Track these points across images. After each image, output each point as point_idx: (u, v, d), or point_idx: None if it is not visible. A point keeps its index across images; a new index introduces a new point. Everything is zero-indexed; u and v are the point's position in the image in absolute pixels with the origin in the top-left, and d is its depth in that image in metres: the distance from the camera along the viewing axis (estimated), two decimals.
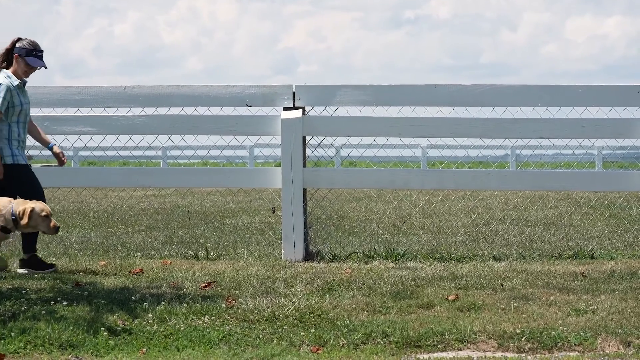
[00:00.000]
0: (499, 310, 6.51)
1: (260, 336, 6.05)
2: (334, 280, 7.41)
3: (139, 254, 9.01)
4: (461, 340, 5.96)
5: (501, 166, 26.52)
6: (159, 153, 29.00)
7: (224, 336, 6.03)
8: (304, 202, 8.68)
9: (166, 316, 6.32)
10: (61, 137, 8.98)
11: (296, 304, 6.60)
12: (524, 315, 6.38)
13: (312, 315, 6.39)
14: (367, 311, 6.52)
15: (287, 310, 6.46)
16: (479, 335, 6.01)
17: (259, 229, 11.23)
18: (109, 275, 7.68)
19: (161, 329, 6.13)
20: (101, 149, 9.75)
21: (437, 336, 5.98)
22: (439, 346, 5.90)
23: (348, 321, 6.26)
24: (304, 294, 6.91)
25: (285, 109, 8.73)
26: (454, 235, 10.60)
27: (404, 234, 10.66)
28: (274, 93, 8.80)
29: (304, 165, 8.65)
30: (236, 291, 7.02)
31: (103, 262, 8.23)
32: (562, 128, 8.72)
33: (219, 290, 7.06)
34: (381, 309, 6.57)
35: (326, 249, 9.03)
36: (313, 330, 6.11)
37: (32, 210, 7.22)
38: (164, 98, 8.89)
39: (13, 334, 5.95)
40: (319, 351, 5.81)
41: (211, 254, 8.87)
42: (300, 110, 8.70)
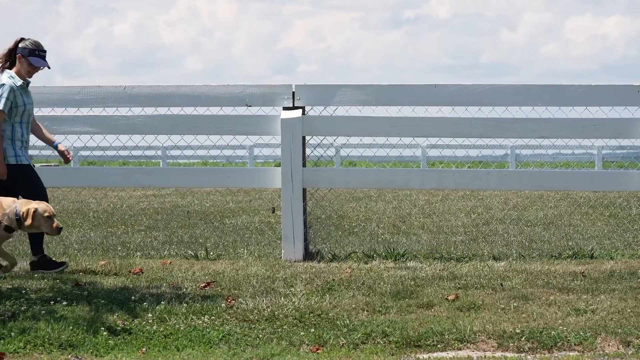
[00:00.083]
0: (499, 310, 6.51)
1: (260, 336, 6.05)
2: (333, 280, 7.40)
3: (138, 253, 9.00)
4: (461, 340, 5.96)
5: (501, 166, 26.52)
6: (159, 153, 29.00)
7: (223, 336, 6.03)
8: (303, 202, 8.67)
9: (166, 316, 6.32)
10: (61, 136, 8.95)
11: (296, 303, 6.59)
12: (523, 315, 6.38)
13: (311, 315, 6.39)
14: (367, 311, 6.52)
15: (286, 310, 6.46)
16: (478, 335, 6.01)
17: (259, 228, 11.23)
18: (109, 275, 7.68)
19: (161, 328, 6.13)
20: (101, 148, 9.74)
21: (436, 336, 5.98)
22: (438, 346, 5.90)
23: (348, 321, 6.26)
24: (303, 294, 6.90)
25: (285, 108, 8.72)
26: (453, 235, 10.60)
27: (403, 234, 10.65)
28: (273, 93, 8.79)
29: (303, 165, 8.65)
30: (236, 291, 7.02)
31: (103, 262, 8.23)
32: (561, 128, 8.72)
33: (219, 290, 7.06)
34: (381, 308, 6.56)
35: (326, 249, 9.02)
36: (313, 330, 6.11)
37: (35, 210, 7.21)
38: (163, 98, 8.89)
39: (13, 333, 5.95)
40: (318, 351, 5.81)
41: (211, 253, 8.86)
42: (300, 110, 8.69)
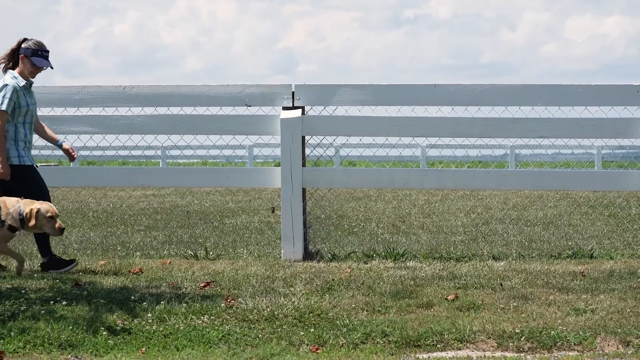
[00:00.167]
0: (498, 310, 6.51)
1: (260, 336, 6.05)
2: (333, 279, 7.40)
3: (138, 253, 9.00)
4: (460, 339, 5.96)
5: (500, 166, 26.51)
6: (159, 153, 29.00)
7: (223, 336, 6.03)
8: (303, 202, 8.67)
9: (165, 316, 6.32)
10: (60, 136, 8.96)
11: (295, 303, 6.59)
12: (523, 315, 6.38)
13: (311, 314, 6.39)
14: (367, 311, 6.52)
15: (286, 309, 6.46)
16: (478, 335, 6.01)
17: (259, 228, 11.23)
18: (109, 274, 7.68)
19: (160, 328, 6.13)
20: (100, 148, 9.75)
21: (436, 336, 5.98)
22: (438, 346, 5.90)
23: (347, 321, 6.25)
24: (303, 294, 6.90)
25: (284, 108, 8.72)
26: (453, 234, 10.60)
27: (403, 234, 10.65)
28: (273, 93, 8.79)
29: (303, 165, 8.65)
30: (235, 291, 7.02)
31: (102, 262, 8.23)
32: (561, 127, 8.73)
33: (218, 290, 7.06)
34: (380, 308, 6.56)
35: (325, 249, 9.02)
36: (312, 330, 6.11)
37: (38, 211, 7.23)
38: (163, 98, 8.89)
39: (12, 333, 5.95)
40: (318, 351, 5.81)
41: (210, 253, 8.86)
42: (300, 110, 8.69)
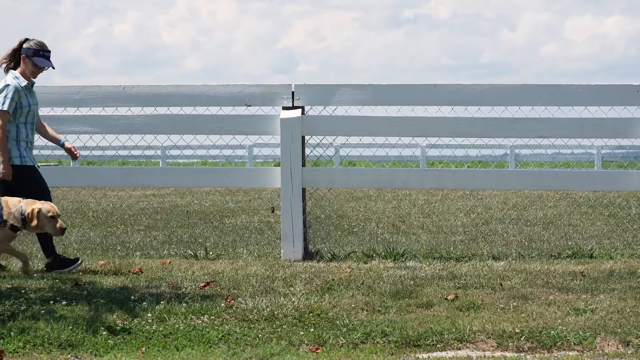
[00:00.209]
0: (498, 310, 6.51)
1: (260, 335, 6.05)
2: (333, 279, 7.40)
3: (138, 253, 9.00)
4: (460, 339, 5.96)
5: (500, 165, 26.52)
6: (158, 152, 29.00)
7: (223, 335, 6.03)
8: (303, 202, 8.67)
9: (165, 316, 6.32)
10: (61, 136, 8.96)
11: (295, 303, 6.59)
12: (523, 315, 6.38)
13: (311, 314, 6.39)
14: (367, 310, 6.52)
15: (286, 309, 6.46)
16: (478, 335, 6.01)
17: (258, 228, 11.23)
18: (108, 274, 7.68)
19: (160, 328, 6.13)
20: (100, 148, 9.75)
21: (436, 335, 5.98)
22: (438, 345, 5.90)
23: (347, 320, 6.25)
24: (303, 294, 6.90)
25: (284, 108, 8.72)
26: (453, 234, 10.60)
27: (403, 234, 10.65)
28: (273, 92, 8.79)
29: (303, 165, 8.65)
30: (235, 291, 7.02)
31: (102, 262, 8.23)
32: (561, 127, 8.73)
33: (218, 290, 7.06)
34: (380, 308, 6.56)
35: (325, 249, 9.02)
36: (312, 330, 6.11)
37: (39, 210, 7.24)
38: (163, 97, 8.89)
39: (12, 333, 5.95)
40: (318, 350, 5.81)
41: (210, 253, 8.86)
42: (300, 110, 8.69)
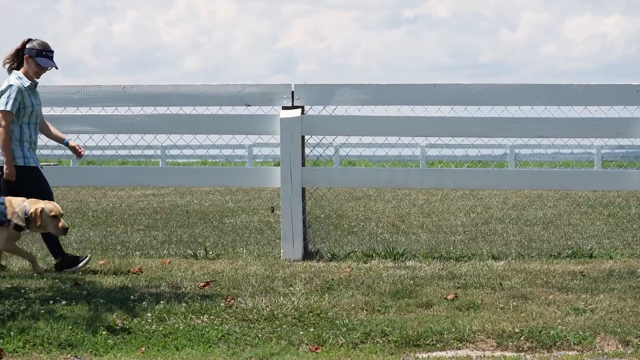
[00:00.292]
0: (498, 310, 6.51)
1: (259, 335, 6.05)
2: (332, 279, 7.41)
3: (137, 253, 9.00)
4: (460, 339, 5.96)
5: (500, 165, 26.52)
6: (158, 152, 29.01)
7: (222, 335, 6.03)
8: (302, 202, 8.67)
9: (165, 315, 6.32)
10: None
11: (295, 303, 6.59)
12: (522, 315, 6.38)
13: (311, 314, 6.39)
14: (366, 310, 6.52)
15: (286, 309, 6.46)
16: (477, 335, 6.01)
17: (258, 228, 11.22)
18: (108, 274, 7.68)
19: (160, 328, 6.13)
20: (100, 148, 9.79)
21: (436, 335, 5.98)
22: (437, 345, 5.90)
23: (347, 320, 6.26)
24: (302, 293, 6.90)
25: (284, 108, 8.72)
26: (452, 234, 10.60)
27: (402, 233, 10.65)
28: (272, 92, 8.79)
29: (302, 165, 8.65)
30: (235, 290, 7.02)
31: (102, 261, 8.23)
32: (561, 127, 8.73)
33: (218, 290, 7.06)
34: (380, 308, 6.56)
35: (325, 248, 9.02)
36: (312, 330, 6.11)
37: (42, 210, 7.26)
38: (162, 97, 8.89)
39: (12, 333, 5.95)
40: (317, 350, 5.81)
41: (210, 253, 8.86)
42: (299, 110, 8.69)
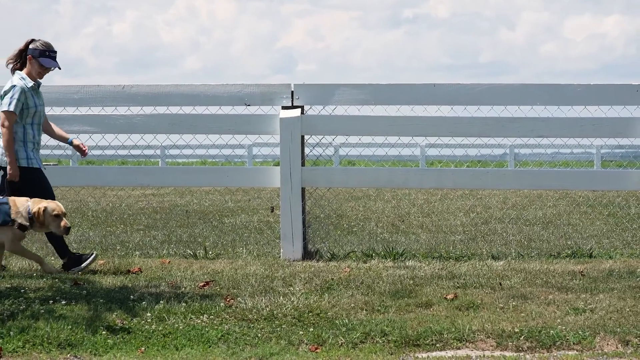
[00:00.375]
0: (498, 309, 6.51)
1: (259, 335, 6.05)
2: (332, 279, 7.41)
3: (137, 253, 9.00)
4: (460, 339, 5.96)
5: (500, 165, 26.51)
6: (158, 152, 28.98)
7: (222, 335, 6.03)
8: (302, 201, 8.67)
9: (165, 315, 6.32)
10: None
11: (295, 303, 6.59)
12: (522, 314, 6.38)
13: (310, 314, 6.39)
14: (366, 310, 6.52)
15: (285, 309, 6.46)
16: (477, 334, 6.01)
17: (258, 228, 11.22)
18: (108, 274, 7.68)
19: (160, 328, 6.13)
20: (100, 147, 9.76)
21: (435, 335, 5.98)
22: (437, 345, 5.90)
23: (347, 320, 6.26)
24: (302, 293, 6.90)
25: (283, 108, 8.72)
26: (452, 234, 10.60)
27: (402, 233, 10.65)
28: (272, 92, 8.79)
29: (302, 164, 8.65)
30: (235, 290, 7.02)
31: (102, 261, 8.23)
32: (560, 127, 8.73)
33: (218, 289, 7.06)
34: (380, 308, 6.57)
35: (325, 248, 9.02)
36: (312, 329, 6.11)
37: (45, 209, 7.27)
38: (162, 97, 8.89)
39: (12, 333, 5.95)
40: (317, 350, 5.81)
41: (210, 253, 8.86)
42: (299, 110, 8.69)
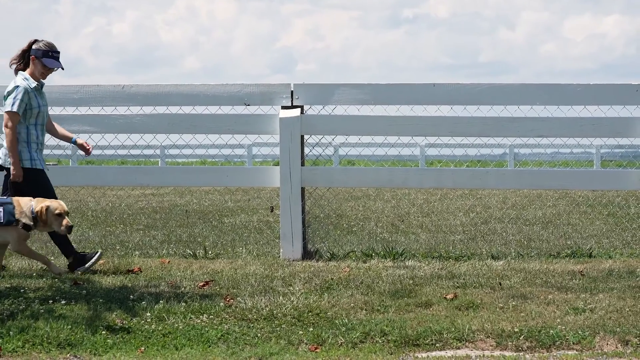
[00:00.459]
0: (497, 309, 6.51)
1: (259, 335, 6.05)
2: (332, 279, 7.41)
3: (137, 252, 9.00)
4: (459, 339, 5.96)
5: (499, 165, 26.51)
6: (157, 152, 28.97)
7: (222, 335, 6.03)
8: (302, 201, 8.67)
9: (164, 315, 6.32)
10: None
11: (294, 302, 6.59)
12: (522, 314, 6.38)
13: (310, 314, 6.39)
14: (366, 310, 6.52)
15: (285, 309, 6.46)
16: (477, 334, 6.01)
17: (257, 227, 11.22)
18: (108, 274, 7.68)
19: (159, 327, 6.13)
20: (99, 147, 9.76)
21: (435, 335, 5.98)
22: (437, 345, 5.90)
23: (346, 320, 6.26)
24: (302, 293, 6.90)
25: (283, 107, 8.71)
26: (452, 234, 10.59)
27: (402, 233, 10.65)
28: (272, 92, 8.79)
29: (302, 164, 8.65)
30: (234, 290, 7.02)
31: (101, 261, 8.22)
32: (560, 127, 8.72)
33: (217, 289, 7.06)
34: (379, 307, 6.57)
35: (324, 248, 9.02)
36: (311, 329, 6.11)
37: (47, 208, 7.28)
38: (162, 97, 8.89)
39: (12, 332, 5.95)
40: (317, 350, 5.81)
41: (209, 252, 8.86)
42: (299, 109, 8.69)
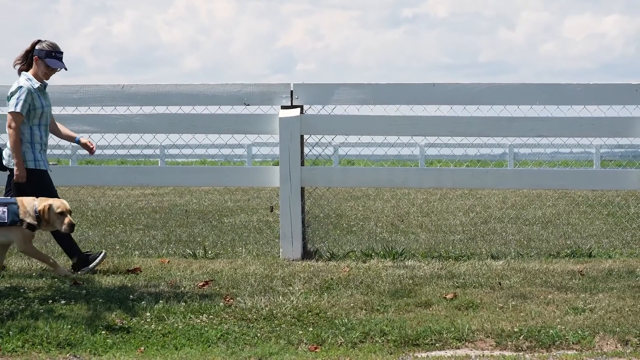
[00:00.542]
0: (497, 309, 6.51)
1: (258, 335, 6.05)
2: (332, 278, 7.41)
3: (137, 252, 9.00)
4: (459, 338, 5.96)
5: (499, 165, 26.50)
6: (157, 152, 28.97)
7: (222, 335, 6.03)
8: (302, 201, 8.67)
9: (164, 315, 6.32)
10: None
11: (294, 302, 6.60)
12: (521, 314, 6.38)
13: (310, 313, 6.39)
14: (365, 310, 6.52)
15: (285, 308, 6.46)
16: (477, 334, 6.01)
17: (257, 227, 11.22)
18: (107, 273, 7.68)
19: (159, 327, 6.13)
20: (99, 147, 9.74)
21: (435, 335, 5.98)
22: (437, 345, 5.91)
23: (346, 320, 6.26)
24: (302, 293, 6.91)
25: (283, 107, 8.71)
26: (452, 233, 10.60)
27: (402, 233, 10.65)
28: (271, 92, 8.79)
29: (302, 164, 8.65)
30: (234, 290, 7.02)
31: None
32: (560, 126, 8.72)
33: (217, 289, 7.06)
34: (379, 307, 6.57)
35: (324, 248, 9.02)
36: (311, 329, 6.11)
37: (50, 207, 7.30)
38: (161, 97, 8.89)
39: (11, 332, 5.95)
40: (316, 350, 5.81)
41: (209, 252, 8.86)
42: (298, 109, 8.69)
